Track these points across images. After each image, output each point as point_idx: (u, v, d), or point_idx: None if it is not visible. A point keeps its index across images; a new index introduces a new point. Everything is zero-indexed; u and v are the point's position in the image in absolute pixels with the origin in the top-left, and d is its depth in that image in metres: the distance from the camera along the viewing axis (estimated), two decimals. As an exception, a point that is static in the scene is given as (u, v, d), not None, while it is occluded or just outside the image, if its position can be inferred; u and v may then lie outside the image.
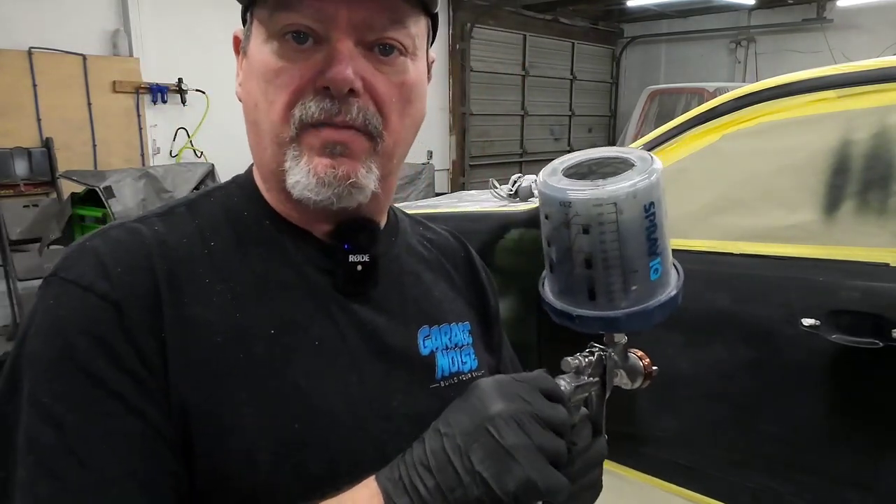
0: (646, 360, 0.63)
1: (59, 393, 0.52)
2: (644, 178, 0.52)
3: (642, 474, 1.95)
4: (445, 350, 0.69)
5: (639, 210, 0.52)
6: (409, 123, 0.64)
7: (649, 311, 0.55)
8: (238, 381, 0.56)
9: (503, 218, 2.46)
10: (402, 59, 0.60)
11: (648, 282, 0.55)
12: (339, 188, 0.59)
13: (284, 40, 0.58)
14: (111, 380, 0.52)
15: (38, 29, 4.90)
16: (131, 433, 0.52)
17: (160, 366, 0.54)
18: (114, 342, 0.53)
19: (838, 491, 1.68)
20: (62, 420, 0.51)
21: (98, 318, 0.53)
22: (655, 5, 9.07)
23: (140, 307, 0.54)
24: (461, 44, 8.58)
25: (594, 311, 0.56)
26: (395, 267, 0.70)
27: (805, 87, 1.74)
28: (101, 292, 0.54)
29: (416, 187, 6.33)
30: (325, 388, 0.59)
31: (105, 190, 4.06)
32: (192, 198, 0.67)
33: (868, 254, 1.61)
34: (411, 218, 0.80)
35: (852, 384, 1.65)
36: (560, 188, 0.54)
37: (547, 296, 0.60)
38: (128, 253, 0.57)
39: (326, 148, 0.58)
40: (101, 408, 0.52)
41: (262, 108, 0.60)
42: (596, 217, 0.52)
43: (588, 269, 0.54)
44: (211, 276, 0.59)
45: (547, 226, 0.56)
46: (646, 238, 0.53)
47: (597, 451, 0.61)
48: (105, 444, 0.51)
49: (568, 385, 0.57)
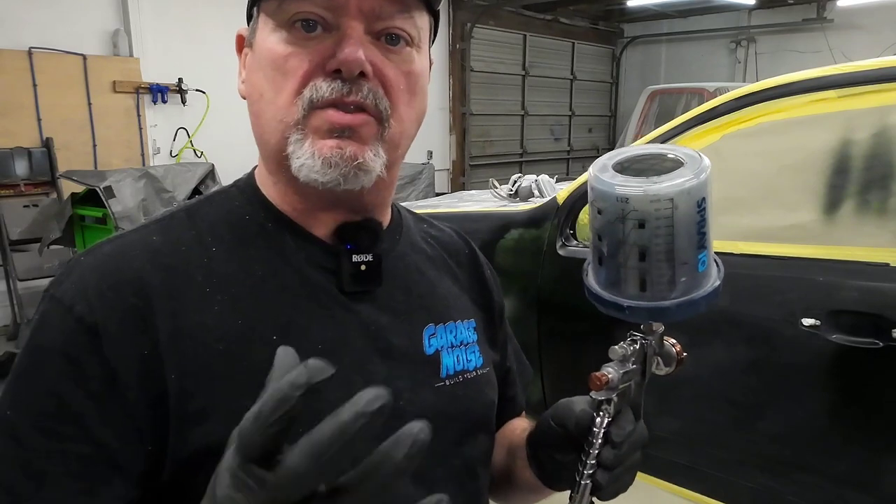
0: (678, 347, 0.66)
1: (23, 408, 0.53)
2: (696, 176, 0.55)
3: (642, 474, 1.95)
4: (451, 348, 0.70)
5: (692, 205, 0.54)
6: (414, 116, 0.64)
7: (696, 301, 0.58)
8: (241, 387, 0.56)
9: (503, 218, 2.46)
10: (408, 49, 0.61)
11: (696, 273, 0.58)
12: (345, 168, 0.58)
13: (294, 28, 0.58)
14: (75, 403, 0.53)
15: (38, 29, 4.89)
16: (84, 457, 0.53)
17: (143, 385, 0.54)
18: (85, 365, 0.54)
19: (838, 491, 1.68)
20: (20, 434, 0.52)
21: (73, 340, 0.54)
22: (655, 5, 9.07)
23: (122, 326, 0.55)
24: (461, 44, 8.58)
25: (644, 302, 0.58)
26: (400, 265, 0.70)
27: (805, 87, 1.74)
28: (79, 314, 0.55)
29: (416, 187, 6.33)
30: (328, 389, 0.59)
31: (105, 190, 4.06)
32: (192, 203, 0.67)
33: (868, 254, 1.61)
34: (415, 215, 0.80)
35: (852, 384, 1.65)
36: (616, 184, 0.55)
37: (593, 287, 0.62)
38: (115, 270, 0.57)
39: (333, 132, 0.58)
40: (59, 428, 0.53)
41: (267, 97, 0.60)
42: (653, 212, 0.54)
43: (641, 261, 0.56)
44: (210, 283, 0.59)
45: (599, 220, 0.57)
46: (696, 232, 0.56)
47: (639, 434, 0.64)
48: (57, 463, 0.52)
49: (616, 372, 0.61)
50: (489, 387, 0.74)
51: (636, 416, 0.65)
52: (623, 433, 0.62)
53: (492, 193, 3.45)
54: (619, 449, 0.62)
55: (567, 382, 2.24)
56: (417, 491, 0.62)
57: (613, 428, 0.62)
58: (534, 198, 3.13)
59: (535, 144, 9.97)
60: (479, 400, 0.71)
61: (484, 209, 2.77)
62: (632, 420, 0.64)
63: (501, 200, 3.24)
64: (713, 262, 0.61)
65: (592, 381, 0.61)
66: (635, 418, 0.65)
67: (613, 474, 0.62)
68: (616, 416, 0.63)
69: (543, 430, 0.70)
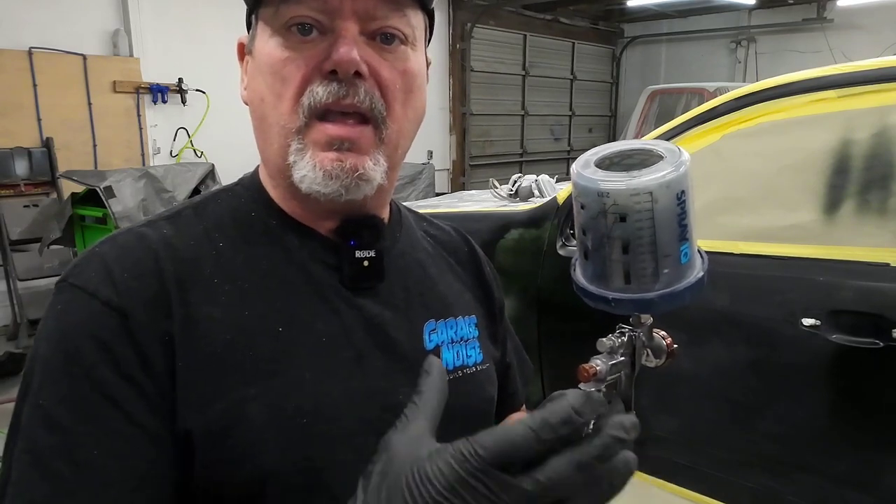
0: (668, 340, 0.67)
1: (59, 396, 0.53)
2: (675, 169, 0.56)
3: (642, 474, 1.95)
4: (451, 344, 0.71)
5: (672, 198, 0.55)
6: (412, 115, 0.65)
7: (679, 293, 0.59)
8: (245, 377, 0.57)
9: (503, 218, 2.46)
10: (403, 47, 0.62)
11: (679, 265, 0.59)
12: (346, 180, 0.60)
13: (290, 32, 0.59)
14: (111, 384, 0.53)
15: (38, 29, 4.89)
16: (127, 437, 0.53)
17: (165, 368, 0.55)
18: (116, 347, 0.54)
19: (838, 491, 1.68)
20: (60, 422, 0.52)
21: (102, 324, 0.55)
22: (655, 5, 9.07)
23: (146, 311, 0.56)
24: (461, 44, 8.58)
25: (629, 294, 0.59)
26: (401, 261, 0.71)
27: (805, 87, 1.74)
28: (105, 298, 0.55)
29: (416, 187, 6.33)
30: (330, 382, 0.61)
31: (105, 190, 4.06)
32: (198, 200, 0.68)
33: (868, 254, 1.61)
34: (415, 213, 0.82)
35: (852, 384, 1.65)
36: (597, 179, 0.57)
37: (580, 281, 0.63)
38: (135, 258, 0.59)
39: (333, 144, 0.59)
40: (99, 411, 0.53)
41: (268, 102, 0.61)
42: (633, 206, 0.55)
43: (625, 254, 0.57)
44: (218, 276, 0.60)
45: (582, 215, 0.58)
46: (678, 224, 0.57)
47: None
48: (101, 447, 0.52)
49: (604, 365, 0.61)
50: (489, 383, 0.74)
51: (627, 409, 0.65)
52: None
53: (492, 193, 3.45)
54: None
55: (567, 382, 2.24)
56: None
57: (602, 419, 0.63)
58: (534, 198, 3.13)
59: (536, 144, 9.97)
60: (478, 395, 0.72)
61: (484, 209, 2.77)
62: (622, 412, 0.64)
63: (501, 200, 3.24)
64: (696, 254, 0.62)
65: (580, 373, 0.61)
66: (626, 410, 0.65)
67: None
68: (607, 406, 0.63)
69: None
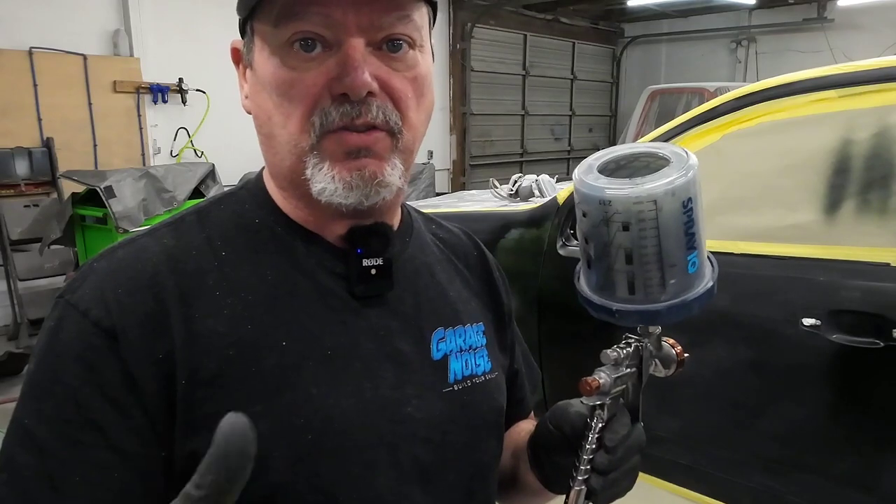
0: (678, 348, 0.65)
1: (42, 416, 0.53)
2: (682, 175, 0.53)
3: (642, 474, 1.96)
4: (459, 353, 0.69)
5: (677, 206, 0.52)
6: (424, 117, 0.64)
7: (687, 304, 0.56)
8: (250, 393, 0.56)
9: (503, 218, 2.46)
10: (411, 52, 0.60)
11: (686, 275, 0.56)
12: (367, 189, 0.58)
13: (292, 50, 0.57)
14: (94, 409, 0.53)
15: (38, 29, 4.89)
16: (106, 464, 0.52)
17: (158, 389, 0.54)
18: (102, 369, 0.53)
19: (838, 491, 1.68)
20: (40, 443, 0.52)
21: (91, 345, 0.54)
22: (656, 5, 9.06)
23: (139, 331, 0.55)
24: (461, 44, 8.57)
25: (634, 305, 0.56)
26: (410, 268, 0.69)
27: (805, 87, 1.74)
28: (95, 318, 0.54)
29: (416, 187, 6.33)
30: (338, 395, 0.59)
31: (105, 190, 4.06)
32: (202, 206, 0.66)
33: (868, 253, 1.61)
34: (424, 216, 0.80)
35: (853, 384, 1.65)
36: (599, 186, 0.54)
37: (584, 290, 0.60)
38: (131, 274, 0.57)
39: (351, 154, 0.58)
40: (80, 436, 0.52)
41: (277, 122, 0.59)
42: (636, 214, 0.52)
43: (628, 264, 0.55)
44: (221, 287, 0.59)
45: (585, 223, 0.56)
46: (684, 233, 0.54)
47: (636, 438, 0.64)
48: (79, 471, 0.52)
49: (608, 377, 0.59)
50: (498, 391, 0.73)
51: (634, 420, 0.64)
52: (617, 437, 0.61)
53: (492, 193, 3.45)
54: (614, 454, 0.61)
55: (568, 383, 2.23)
56: (426, 499, 0.62)
57: (607, 432, 0.61)
58: (534, 198, 3.13)
59: (536, 144, 9.97)
60: (487, 405, 0.70)
61: (484, 209, 2.77)
62: (627, 424, 0.63)
63: (502, 200, 3.24)
64: (706, 263, 0.59)
65: (582, 387, 0.59)
66: (633, 421, 0.64)
67: (608, 479, 0.62)
68: (611, 419, 0.62)
69: (542, 433, 0.70)
